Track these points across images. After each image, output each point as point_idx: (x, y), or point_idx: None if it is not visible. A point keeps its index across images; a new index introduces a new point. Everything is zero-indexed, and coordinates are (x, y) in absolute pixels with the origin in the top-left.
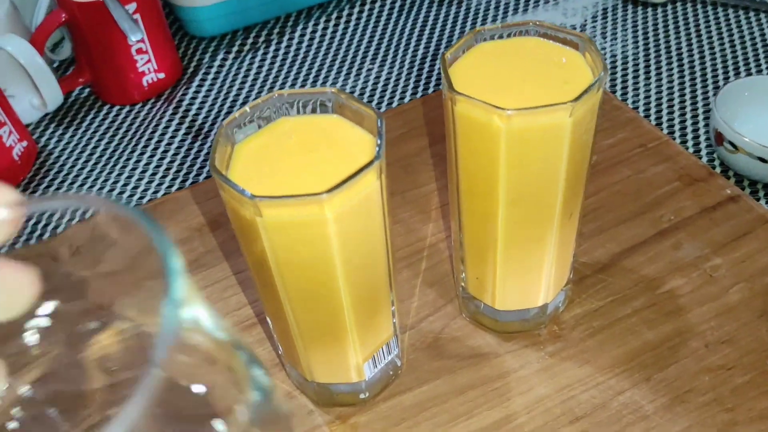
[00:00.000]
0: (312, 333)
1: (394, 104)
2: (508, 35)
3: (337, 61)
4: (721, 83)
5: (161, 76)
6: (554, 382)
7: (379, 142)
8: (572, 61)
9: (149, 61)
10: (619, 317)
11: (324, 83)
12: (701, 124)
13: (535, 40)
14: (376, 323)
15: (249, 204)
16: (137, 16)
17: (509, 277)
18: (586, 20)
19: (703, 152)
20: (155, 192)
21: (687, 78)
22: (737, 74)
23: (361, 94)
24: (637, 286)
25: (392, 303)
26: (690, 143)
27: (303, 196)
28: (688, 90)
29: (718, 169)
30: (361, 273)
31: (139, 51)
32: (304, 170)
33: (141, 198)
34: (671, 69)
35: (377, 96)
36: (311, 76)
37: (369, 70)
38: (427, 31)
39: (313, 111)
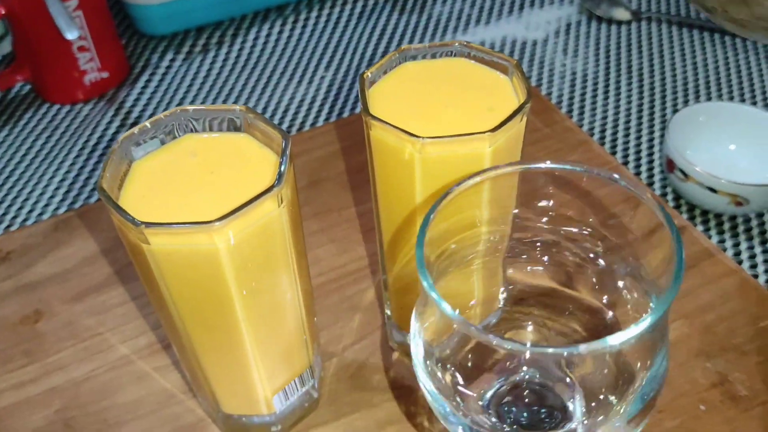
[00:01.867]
0: (214, 365)
1: (346, 114)
2: (435, 55)
3: (290, 67)
4: (680, 106)
5: (105, 75)
6: None
7: (282, 166)
8: (498, 86)
9: (92, 59)
10: None
11: (275, 89)
12: (656, 148)
13: (462, 62)
14: (286, 356)
15: (135, 231)
16: (79, 12)
17: None
18: (548, 35)
19: (656, 178)
20: (89, 197)
21: (646, 99)
22: (697, 97)
23: (313, 102)
24: None
25: (306, 334)
26: (644, 168)
27: (191, 224)
28: (646, 112)
29: (670, 197)
30: (262, 307)
31: (81, 49)
32: (204, 193)
33: (74, 202)
34: (630, 89)
35: (329, 104)
36: (262, 82)
37: (322, 77)
38: (385, 39)
39: (222, 129)
